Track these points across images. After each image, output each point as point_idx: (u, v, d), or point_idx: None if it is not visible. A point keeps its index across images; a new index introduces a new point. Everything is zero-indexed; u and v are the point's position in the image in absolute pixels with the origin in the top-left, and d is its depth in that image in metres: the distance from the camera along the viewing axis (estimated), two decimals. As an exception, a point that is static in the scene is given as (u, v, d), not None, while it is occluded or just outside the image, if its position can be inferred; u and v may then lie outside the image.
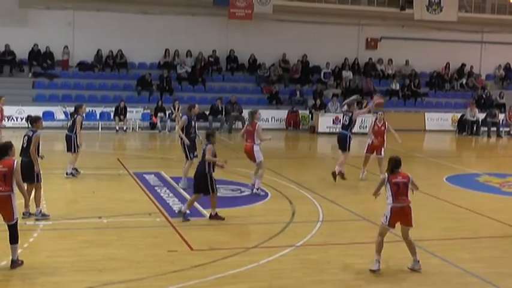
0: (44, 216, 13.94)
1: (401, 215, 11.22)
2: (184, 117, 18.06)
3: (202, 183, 14.13)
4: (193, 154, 17.69)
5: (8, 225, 10.88)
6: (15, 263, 10.77)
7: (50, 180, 17.37)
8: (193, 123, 17.94)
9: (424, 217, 15.25)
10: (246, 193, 17.46)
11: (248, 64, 38.83)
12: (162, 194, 16.88)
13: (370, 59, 40.41)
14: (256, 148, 17.07)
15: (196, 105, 18.27)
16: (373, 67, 40.40)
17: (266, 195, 17.00)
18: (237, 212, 15.44)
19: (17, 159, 11.07)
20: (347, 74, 39.32)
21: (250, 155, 17.29)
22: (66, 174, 18.73)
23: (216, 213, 14.40)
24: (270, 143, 18.90)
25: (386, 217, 11.19)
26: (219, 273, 10.80)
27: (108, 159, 23.32)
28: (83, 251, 11.98)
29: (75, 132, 18.83)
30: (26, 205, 12.52)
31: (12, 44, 35.00)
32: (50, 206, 14.78)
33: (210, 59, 38.14)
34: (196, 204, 15.47)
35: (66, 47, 36.04)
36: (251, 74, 38.68)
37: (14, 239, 10.86)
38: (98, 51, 36.53)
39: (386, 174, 11.40)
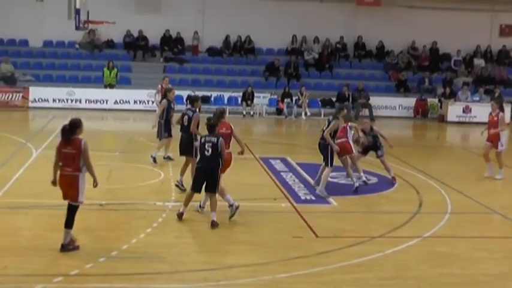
0: (181, 187, 14.84)
1: None
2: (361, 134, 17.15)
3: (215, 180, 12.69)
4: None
5: (68, 204, 10.72)
6: (65, 247, 10.59)
7: (181, 161, 17.62)
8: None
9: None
10: (371, 181, 17.27)
11: (376, 51, 38.35)
12: (287, 180, 16.93)
13: (504, 46, 38.97)
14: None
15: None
16: (507, 55, 38.98)
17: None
18: (363, 200, 15.31)
19: (84, 139, 10.65)
20: (479, 62, 38.15)
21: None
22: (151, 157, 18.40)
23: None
24: (397, 132, 18.50)
25: None
26: (343, 261, 10.74)
27: (235, 144, 23.52)
28: (208, 233, 12.18)
29: (164, 118, 18.58)
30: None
31: (145, 29, 36.02)
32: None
33: (338, 45, 37.91)
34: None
35: (196, 32, 36.74)
36: (379, 61, 38.19)
37: (68, 222, 10.66)
38: (227, 36, 37.02)
39: None
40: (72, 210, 10.71)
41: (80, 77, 34.33)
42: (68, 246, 10.63)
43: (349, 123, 16.26)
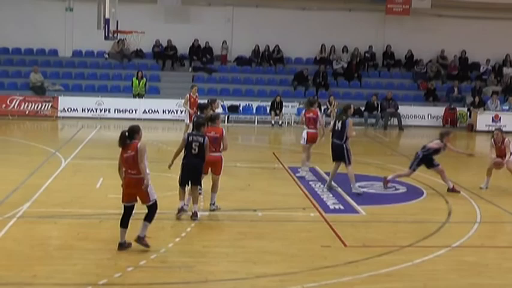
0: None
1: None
2: None
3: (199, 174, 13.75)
4: None
5: (146, 207, 11.33)
6: (140, 240, 11.21)
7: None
8: None
9: None
10: (400, 191, 17.19)
11: (405, 60, 38.23)
12: (316, 189, 16.88)
13: (534, 55, 38.66)
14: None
15: None
16: (536, 64, 38.65)
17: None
18: (392, 209, 15.25)
19: (141, 143, 11.20)
20: (508, 71, 37.83)
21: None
22: None
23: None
24: (426, 141, 18.37)
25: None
26: (372, 270, 10.68)
27: (263, 153, 23.61)
28: (237, 242, 12.19)
29: None
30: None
31: (174, 39, 36.26)
32: (207, 198, 15.08)
33: (366, 54, 37.85)
34: (350, 200, 15.45)
35: (224, 42, 36.89)
36: (408, 70, 38.06)
37: (147, 217, 11.34)
38: (256, 46, 37.10)
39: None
40: (150, 210, 11.34)
41: (109, 87, 34.61)
42: (142, 241, 11.19)
43: (318, 113, 18.57)
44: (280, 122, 32.74)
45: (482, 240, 12.87)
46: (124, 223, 11.22)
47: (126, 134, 11.16)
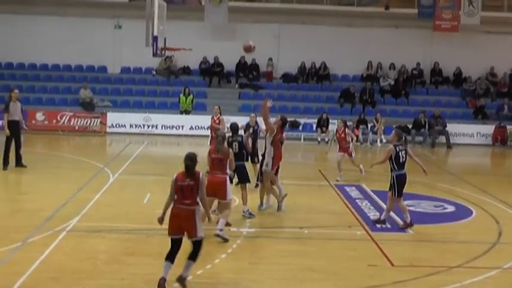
0: (250, 215, 15.00)
1: None
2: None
3: None
4: None
5: (192, 242, 10.36)
6: (182, 280, 10.26)
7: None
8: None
9: None
10: (448, 210, 16.96)
11: (453, 77, 37.85)
12: (363, 207, 16.77)
13: None
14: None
15: None
16: None
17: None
18: (440, 229, 15.04)
19: (202, 172, 10.40)
20: (561, 88, 37.25)
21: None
22: None
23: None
24: (475, 159, 18.13)
25: None
26: (420, 291, 10.56)
27: (309, 170, 23.54)
28: (283, 259, 12.14)
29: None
30: (209, 219, 11.78)
31: (221, 56, 36.49)
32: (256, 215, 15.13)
33: (414, 71, 37.59)
34: (397, 218, 15.28)
35: (270, 59, 36.98)
36: (456, 88, 37.66)
37: (193, 255, 10.34)
38: (302, 63, 37.12)
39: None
40: (196, 246, 10.36)
41: (157, 103, 34.90)
42: (183, 281, 10.26)
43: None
44: (326, 139, 32.61)
45: (534, 261, 12.63)
46: (171, 258, 10.29)
47: (190, 162, 10.18)
